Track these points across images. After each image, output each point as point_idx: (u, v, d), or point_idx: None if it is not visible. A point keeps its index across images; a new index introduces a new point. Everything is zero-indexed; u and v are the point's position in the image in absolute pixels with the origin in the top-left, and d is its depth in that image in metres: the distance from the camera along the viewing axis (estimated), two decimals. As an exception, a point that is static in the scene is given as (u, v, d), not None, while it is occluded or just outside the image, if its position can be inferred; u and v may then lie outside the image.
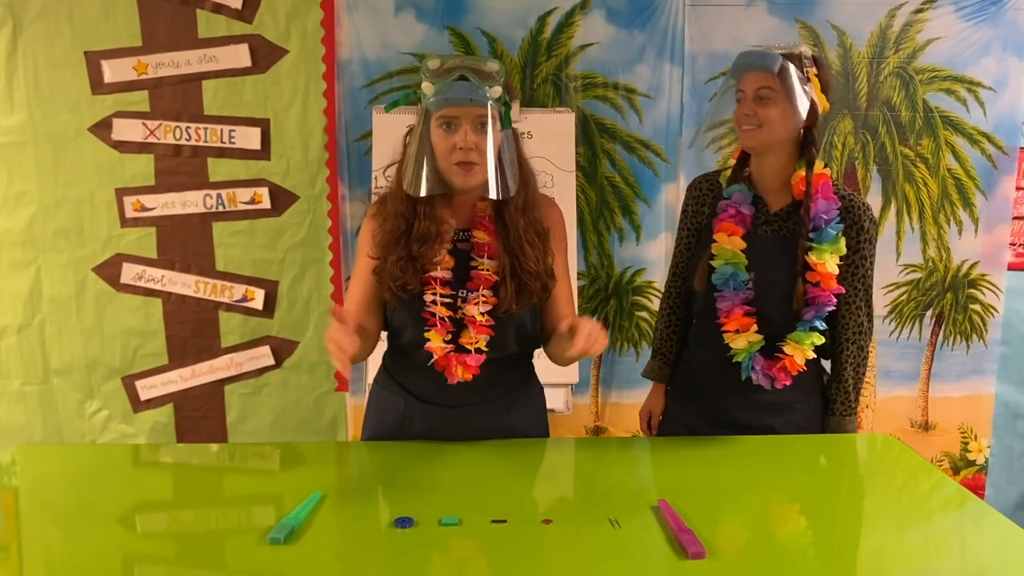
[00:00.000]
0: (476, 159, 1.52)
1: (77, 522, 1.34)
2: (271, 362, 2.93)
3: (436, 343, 1.59)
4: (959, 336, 3.02)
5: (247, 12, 2.71)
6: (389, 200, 1.63)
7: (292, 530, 1.26)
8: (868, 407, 3.05)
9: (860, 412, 3.02)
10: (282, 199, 2.83)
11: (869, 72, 2.84)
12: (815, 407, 1.89)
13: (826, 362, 1.90)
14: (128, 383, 2.92)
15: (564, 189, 2.69)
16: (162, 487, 1.56)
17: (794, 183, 1.77)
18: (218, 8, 2.70)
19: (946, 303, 3.00)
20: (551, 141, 2.70)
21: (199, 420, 2.95)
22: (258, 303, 2.88)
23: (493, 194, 1.52)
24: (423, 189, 1.54)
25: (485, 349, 1.61)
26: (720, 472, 1.57)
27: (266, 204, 2.82)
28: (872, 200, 2.90)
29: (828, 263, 1.73)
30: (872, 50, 2.82)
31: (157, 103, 2.75)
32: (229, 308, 2.89)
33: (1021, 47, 2.83)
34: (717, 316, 1.81)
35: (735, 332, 1.79)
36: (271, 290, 2.88)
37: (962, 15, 2.80)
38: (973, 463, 3.09)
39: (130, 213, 2.81)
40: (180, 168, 2.79)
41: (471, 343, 1.60)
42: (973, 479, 3.09)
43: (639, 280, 2.95)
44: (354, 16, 2.74)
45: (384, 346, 1.75)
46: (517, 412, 1.73)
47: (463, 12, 2.76)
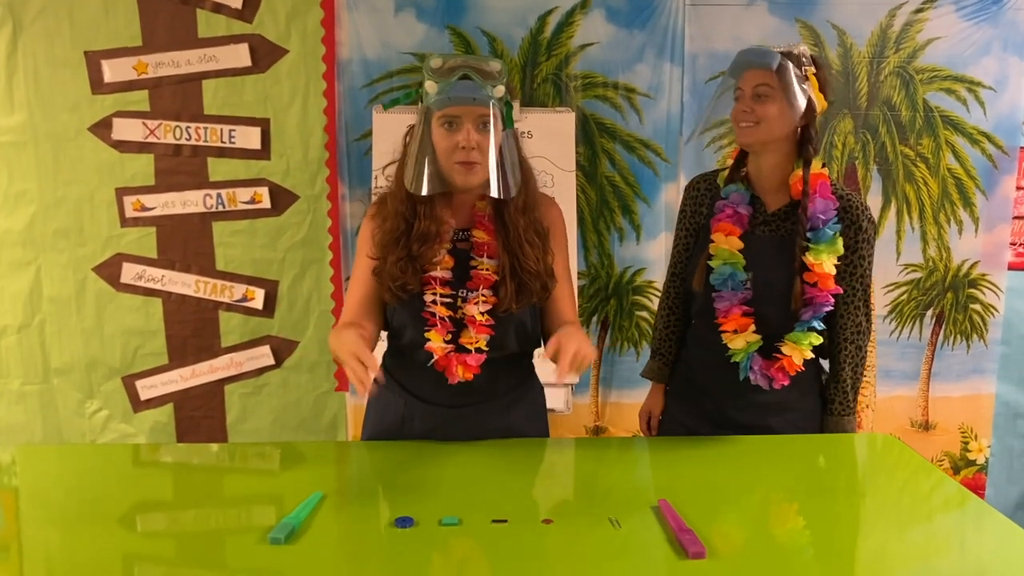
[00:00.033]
0: (478, 158, 1.52)
1: (77, 522, 1.34)
2: (271, 362, 2.93)
3: (436, 343, 1.59)
4: (959, 336, 3.02)
5: (247, 12, 2.71)
6: (389, 200, 1.63)
7: (292, 530, 1.26)
8: (868, 407, 3.05)
9: (860, 412, 3.06)
10: (282, 199, 2.82)
11: (869, 72, 2.84)
12: (814, 407, 1.89)
13: (825, 362, 1.90)
14: (128, 383, 2.92)
15: (564, 189, 2.69)
16: (162, 487, 1.56)
17: (792, 183, 1.77)
18: (218, 8, 2.70)
19: (946, 303, 3.00)
20: (551, 141, 2.70)
21: (199, 420, 2.95)
22: (258, 303, 2.88)
23: (495, 193, 1.52)
24: (424, 188, 1.54)
25: (485, 349, 1.61)
26: (721, 472, 1.56)
27: (266, 204, 2.81)
28: (872, 200, 2.90)
29: (825, 263, 1.73)
30: (872, 50, 2.82)
31: (157, 103, 2.75)
32: (229, 308, 2.89)
33: (1021, 47, 2.82)
34: (715, 316, 1.81)
35: (733, 332, 1.79)
36: (271, 290, 2.88)
37: (962, 15, 2.80)
38: (973, 463, 3.09)
39: (130, 213, 2.81)
40: (180, 168, 2.79)
41: (471, 343, 1.60)
42: (973, 479, 3.08)
43: (639, 280, 2.95)
44: (354, 15, 2.74)
45: (384, 346, 1.75)
46: (517, 412, 1.73)
47: (463, 11, 2.76)
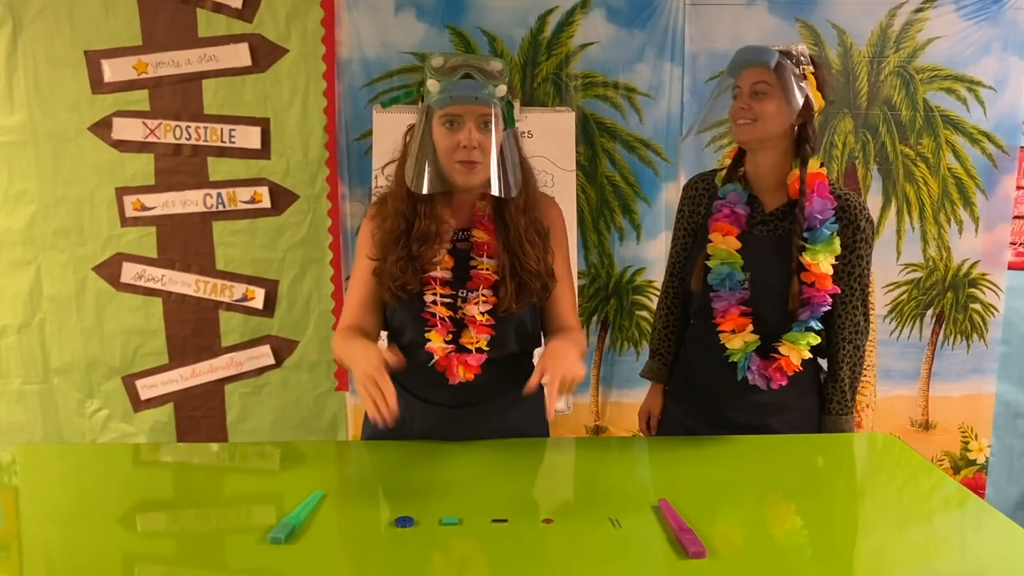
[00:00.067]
0: (479, 158, 1.52)
1: (77, 521, 1.34)
2: (271, 361, 2.92)
3: (437, 343, 1.59)
4: (959, 335, 3.02)
5: (247, 11, 2.71)
6: (389, 199, 1.63)
7: (293, 529, 1.26)
8: (868, 406, 3.05)
9: (861, 411, 3.06)
10: (282, 198, 2.82)
11: (869, 71, 2.84)
12: (812, 407, 1.89)
13: (823, 361, 1.90)
14: (128, 382, 2.92)
15: (564, 188, 2.69)
16: (162, 486, 1.56)
17: (789, 182, 1.77)
18: (218, 7, 2.70)
19: (946, 302, 3.00)
20: (551, 140, 2.70)
21: (199, 419, 2.95)
22: (258, 302, 2.88)
23: (496, 192, 1.52)
24: (424, 187, 1.53)
25: (486, 349, 1.61)
26: (721, 472, 1.56)
27: (266, 203, 2.81)
28: (872, 199, 2.90)
29: (822, 263, 1.72)
30: (872, 49, 2.82)
31: (157, 102, 2.75)
32: (229, 307, 2.88)
33: (1021, 46, 2.82)
34: (713, 316, 1.81)
35: (731, 332, 1.79)
36: (271, 289, 2.88)
37: (963, 14, 2.80)
38: (973, 462, 3.09)
39: (130, 212, 2.80)
40: (180, 167, 2.79)
41: (472, 343, 1.60)
42: (973, 478, 3.09)
43: (639, 279, 2.95)
44: (354, 15, 2.74)
45: (384, 346, 1.75)
46: (517, 412, 1.73)
47: (463, 11, 2.76)
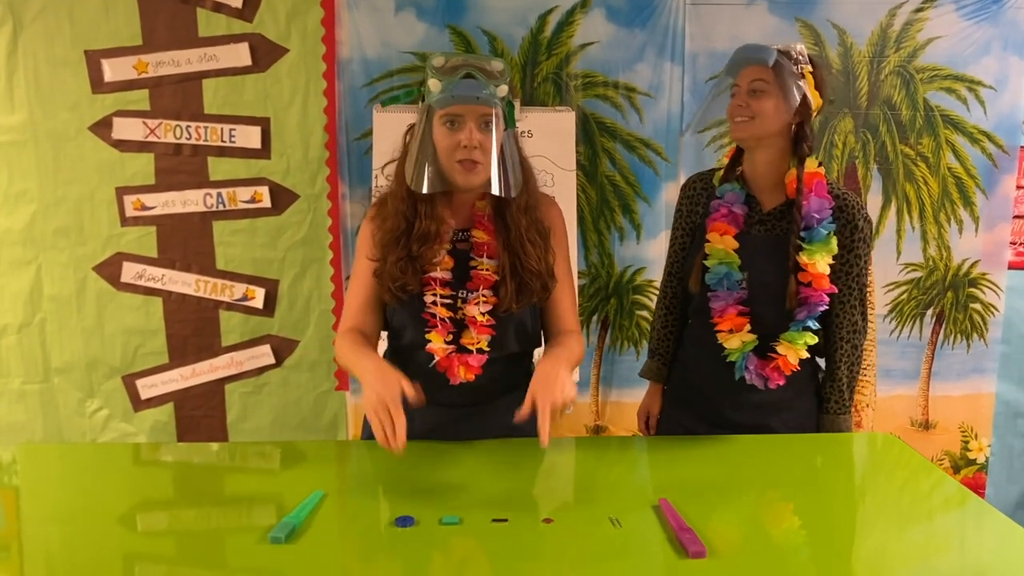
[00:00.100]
0: (479, 158, 1.52)
1: (78, 521, 1.34)
2: (271, 361, 2.92)
3: (437, 344, 1.59)
4: (959, 335, 3.02)
5: (247, 11, 2.71)
6: (389, 199, 1.63)
7: (293, 529, 1.26)
8: (868, 406, 3.05)
9: (861, 411, 3.05)
10: (282, 198, 2.82)
11: (870, 71, 2.84)
12: (810, 406, 1.89)
13: (821, 361, 1.90)
14: (128, 382, 2.92)
15: (564, 188, 2.69)
16: (163, 486, 1.56)
17: (787, 182, 1.76)
18: (218, 7, 2.70)
19: (947, 302, 3.00)
20: (551, 140, 2.70)
21: (199, 419, 2.95)
22: (258, 302, 2.88)
23: (497, 191, 1.52)
24: (425, 187, 1.53)
25: (487, 349, 1.61)
26: (721, 471, 1.56)
27: (266, 203, 2.81)
28: (872, 199, 2.90)
29: (819, 263, 1.72)
30: (873, 49, 2.82)
31: (157, 102, 2.75)
32: (229, 307, 2.88)
33: (1022, 46, 2.82)
34: (711, 316, 1.81)
35: (729, 332, 1.79)
36: (271, 289, 2.88)
37: (963, 14, 2.80)
38: (973, 462, 3.09)
39: (130, 212, 2.80)
40: (180, 167, 2.79)
41: (473, 343, 1.60)
42: (973, 478, 3.09)
43: (639, 279, 2.95)
44: (354, 15, 2.74)
45: (384, 346, 1.75)
46: (518, 412, 1.73)
47: (464, 11, 2.76)
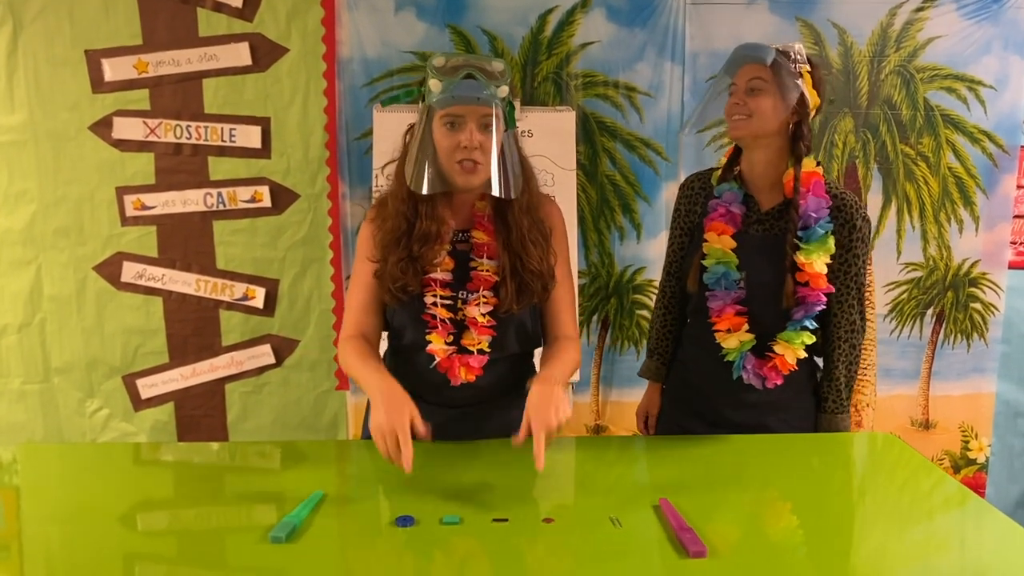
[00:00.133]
0: (480, 158, 1.51)
1: (78, 521, 1.33)
2: (272, 361, 2.93)
3: (438, 345, 1.59)
4: (960, 335, 3.02)
5: (247, 10, 2.71)
6: (390, 200, 1.63)
7: (293, 529, 1.26)
8: (869, 405, 3.05)
9: (861, 411, 3.05)
10: (283, 198, 2.82)
11: (870, 70, 2.84)
12: (808, 406, 1.89)
13: (819, 360, 1.90)
14: (129, 382, 2.92)
15: (564, 188, 2.69)
16: (163, 486, 1.56)
17: (785, 181, 1.76)
18: (219, 6, 2.70)
19: (947, 301, 3.00)
20: (552, 139, 2.70)
21: (200, 419, 2.96)
22: (259, 302, 2.88)
23: (497, 192, 1.52)
24: (425, 187, 1.53)
25: (488, 350, 1.61)
26: (721, 471, 1.56)
27: (267, 203, 2.81)
28: (873, 198, 2.90)
29: (816, 263, 1.72)
30: (873, 48, 2.82)
31: (157, 101, 2.75)
32: (230, 307, 2.88)
33: (1022, 46, 2.82)
34: (709, 315, 1.81)
35: (727, 331, 1.79)
36: (272, 289, 2.88)
37: (963, 13, 2.80)
38: (974, 462, 3.09)
39: (130, 212, 2.81)
40: (181, 167, 2.79)
41: (473, 344, 1.60)
42: (974, 478, 3.09)
43: (640, 279, 2.95)
44: (355, 14, 2.74)
45: (384, 346, 1.75)
46: (518, 412, 1.71)
47: (464, 10, 2.76)
